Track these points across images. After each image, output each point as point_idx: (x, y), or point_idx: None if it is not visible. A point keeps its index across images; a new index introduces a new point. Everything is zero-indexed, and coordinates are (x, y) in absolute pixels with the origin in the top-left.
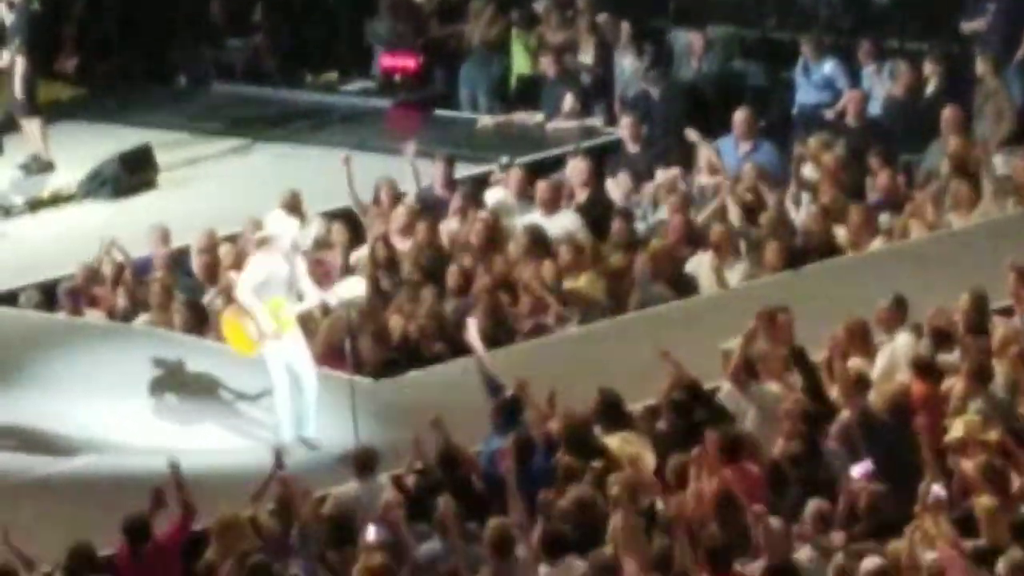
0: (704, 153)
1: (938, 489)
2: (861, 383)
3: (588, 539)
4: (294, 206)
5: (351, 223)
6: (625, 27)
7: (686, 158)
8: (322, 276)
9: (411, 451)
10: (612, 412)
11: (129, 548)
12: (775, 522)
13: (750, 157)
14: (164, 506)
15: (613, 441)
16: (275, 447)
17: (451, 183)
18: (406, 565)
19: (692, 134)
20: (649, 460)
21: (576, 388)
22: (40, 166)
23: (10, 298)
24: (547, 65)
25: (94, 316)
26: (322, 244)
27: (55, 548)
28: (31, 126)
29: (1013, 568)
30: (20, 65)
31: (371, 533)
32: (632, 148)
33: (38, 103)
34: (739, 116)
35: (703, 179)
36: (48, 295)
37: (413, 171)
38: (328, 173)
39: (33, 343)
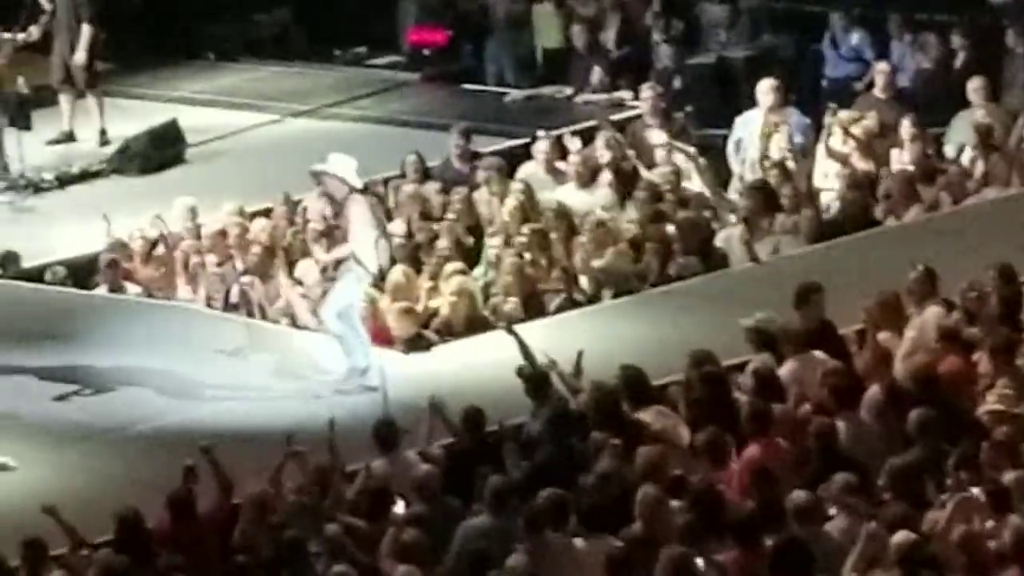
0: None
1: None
2: (890, 357)
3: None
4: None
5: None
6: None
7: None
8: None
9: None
10: (636, 388)
11: (171, 523)
12: (802, 496)
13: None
14: (195, 482)
15: (647, 415)
16: (288, 434)
17: (468, 156)
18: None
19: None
20: (684, 433)
21: (607, 362)
22: (104, 139)
23: (37, 274)
24: (577, 37)
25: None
26: None
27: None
28: (88, 99)
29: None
30: (86, 36)
31: (401, 507)
32: (652, 121)
33: (97, 77)
34: (766, 86)
35: (753, 151)
36: (75, 271)
37: None
38: (355, 147)
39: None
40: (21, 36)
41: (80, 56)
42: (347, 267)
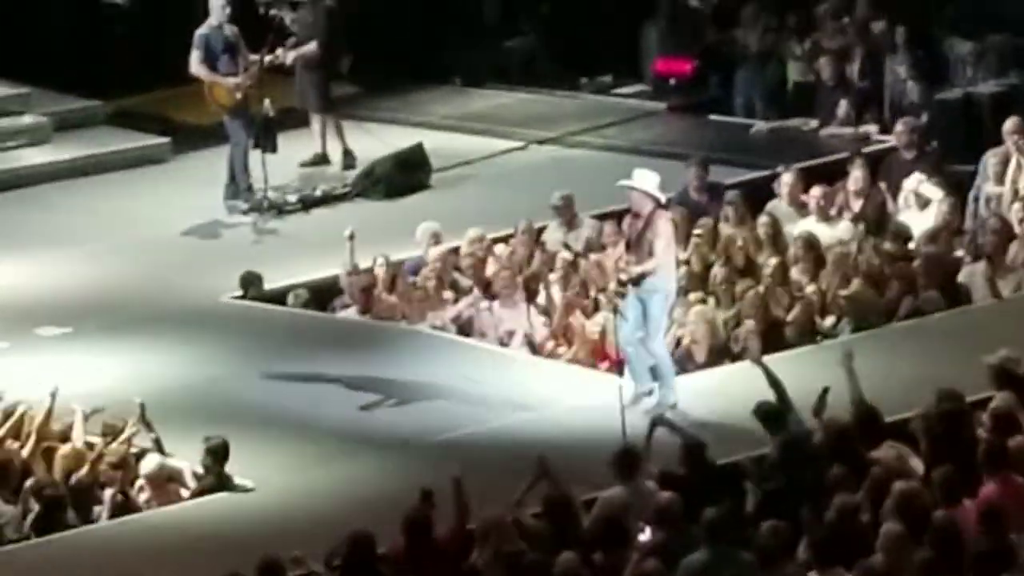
0: (993, 162)
1: None
2: None
3: (855, 548)
4: (567, 208)
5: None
6: (900, 34)
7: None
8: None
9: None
10: (868, 425)
11: (407, 545)
12: None
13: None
14: (433, 505)
15: (879, 451)
16: (540, 456)
17: (706, 186)
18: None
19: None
20: (917, 467)
21: (846, 396)
22: (348, 161)
23: (279, 297)
24: (823, 69)
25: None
26: (593, 246)
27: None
28: (327, 122)
29: None
30: (312, 56)
31: (645, 535)
32: (907, 155)
33: (333, 100)
34: (1011, 124)
35: (990, 188)
36: (317, 294)
37: None
38: (600, 176)
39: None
40: (268, 58)
41: (290, 57)
42: (652, 286)
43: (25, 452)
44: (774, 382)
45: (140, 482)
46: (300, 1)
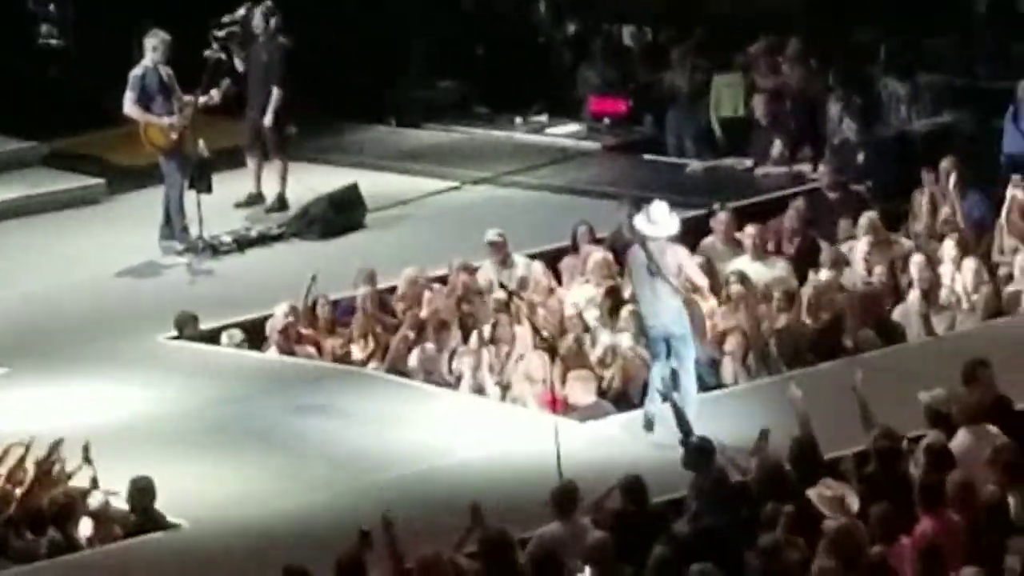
0: (920, 199)
1: None
2: None
3: None
4: (500, 247)
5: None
6: (834, 75)
7: (892, 205)
8: None
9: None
10: (804, 461)
11: None
12: (971, 572)
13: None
14: (371, 548)
15: (813, 491)
16: (472, 503)
17: None
18: None
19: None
20: (853, 504)
21: (783, 434)
22: (279, 206)
23: (214, 337)
24: (757, 108)
25: (303, 355)
26: (526, 286)
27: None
28: (271, 163)
29: None
30: (275, 100)
31: (585, 574)
32: (831, 195)
33: (286, 142)
34: (945, 165)
35: (919, 226)
36: (251, 334)
37: None
38: (534, 216)
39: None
40: (203, 99)
41: (268, 119)
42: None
43: None
44: (681, 422)
45: (85, 519)
46: (254, 38)
